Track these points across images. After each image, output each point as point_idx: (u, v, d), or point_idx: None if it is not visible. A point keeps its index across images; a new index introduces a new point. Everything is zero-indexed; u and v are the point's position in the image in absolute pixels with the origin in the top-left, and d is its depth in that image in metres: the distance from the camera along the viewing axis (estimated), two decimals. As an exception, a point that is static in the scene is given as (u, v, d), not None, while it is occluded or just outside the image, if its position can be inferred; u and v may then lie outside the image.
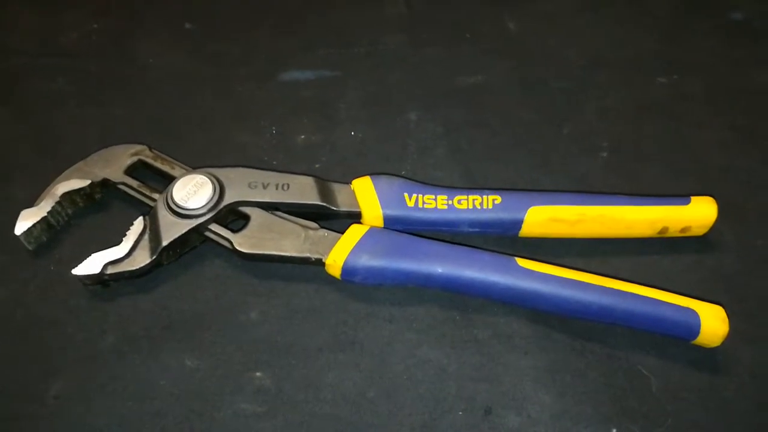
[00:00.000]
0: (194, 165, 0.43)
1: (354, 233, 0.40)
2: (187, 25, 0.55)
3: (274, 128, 0.48)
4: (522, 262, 0.38)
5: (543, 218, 0.40)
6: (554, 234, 0.41)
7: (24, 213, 0.41)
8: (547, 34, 0.56)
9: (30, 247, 0.42)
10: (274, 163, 0.46)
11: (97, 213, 0.44)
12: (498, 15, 0.57)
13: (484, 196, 0.41)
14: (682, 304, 0.38)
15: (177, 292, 0.40)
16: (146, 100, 0.50)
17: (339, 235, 0.40)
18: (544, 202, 0.41)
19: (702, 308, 0.38)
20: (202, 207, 0.41)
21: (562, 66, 0.53)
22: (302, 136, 0.48)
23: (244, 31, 0.55)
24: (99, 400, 0.37)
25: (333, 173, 0.44)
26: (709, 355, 0.39)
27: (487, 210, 0.40)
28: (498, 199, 0.40)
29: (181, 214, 0.41)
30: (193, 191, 0.41)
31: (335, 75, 0.52)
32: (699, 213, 0.41)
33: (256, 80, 0.51)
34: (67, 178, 0.43)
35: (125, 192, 0.43)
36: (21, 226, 0.41)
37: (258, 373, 0.37)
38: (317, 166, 0.46)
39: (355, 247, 0.39)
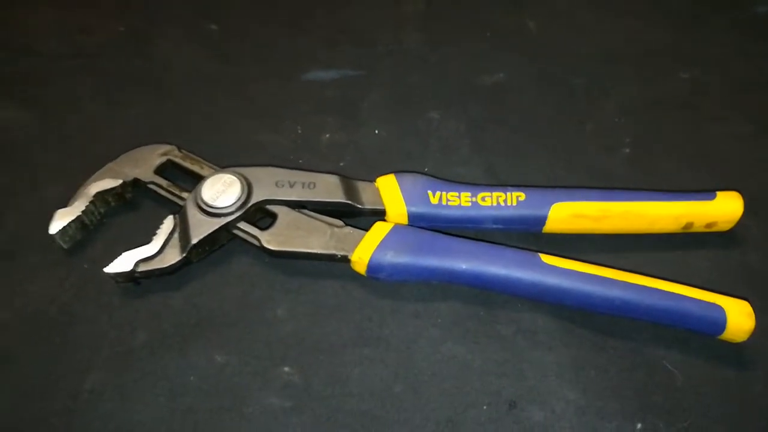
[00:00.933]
0: (221, 165, 0.44)
1: (379, 230, 0.40)
2: (210, 26, 0.56)
3: (298, 128, 0.49)
4: (546, 258, 0.39)
5: (567, 214, 0.41)
6: (578, 230, 0.42)
7: (59, 213, 0.42)
8: (567, 31, 0.56)
9: (65, 246, 0.43)
10: (300, 162, 0.47)
11: (128, 212, 0.45)
12: (517, 12, 0.57)
13: (508, 193, 0.41)
14: (707, 300, 0.38)
15: (206, 289, 0.41)
16: (170, 100, 0.51)
17: (364, 232, 0.41)
18: (568, 199, 0.41)
19: (727, 303, 0.38)
20: (230, 205, 0.41)
21: (582, 62, 0.53)
22: (326, 135, 0.49)
23: (267, 30, 0.56)
24: (132, 395, 0.38)
25: (357, 171, 0.45)
26: (734, 350, 0.39)
27: (511, 207, 0.41)
28: (522, 195, 0.41)
29: (210, 212, 0.41)
30: (221, 190, 0.42)
31: (358, 74, 0.52)
32: (725, 208, 0.41)
33: (280, 80, 0.52)
34: (99, 178, 0.44)
35: (155, 191, 0.44)
36: (56, 225, 0.42)
37: (286, 369, 0.38)
38: (342, 164, 0.47)
39: (380, 244, 0.40)
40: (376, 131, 0.49)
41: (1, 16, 0.58)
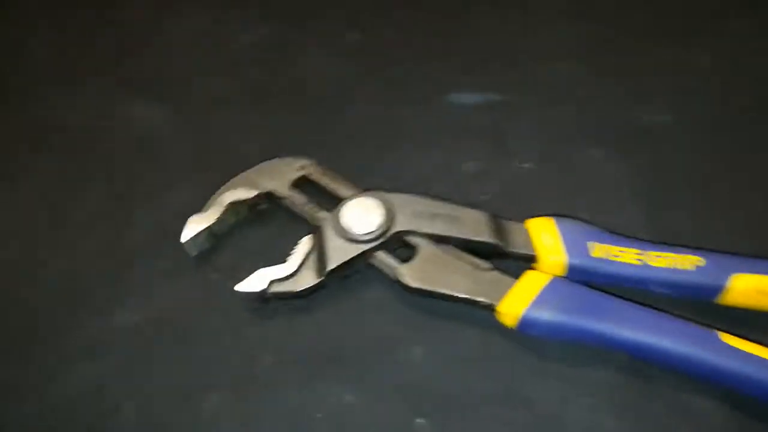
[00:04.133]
0: (355, 184, 0.42)
1: (533, 281, 0.37)
2: (354, 35, 0.54)
3: (439, 153, 0.46)
4: (725, 338, 0.34)
5: (748, 288, 0.36)
6: (760, 306, 0.37)
7: (192, 219, 0.41)
8: (747, 67, 0.50)
9: (192, 254, 0.41)
10: (439, 191, 0.43)
11: (259, 225, 0.43)
12: (687, 44, 0.52)
13: (683, 256, 0.37)
14: None
15: (337, 317, 0.39)
16: (309, 111, 0.49)
17: (513, 279, 0.37)
18: (752, 270, 0.36)
19: None
20: (371, 232, 0.39)
21: (765, 105, 0.48)
22: (469, 164, 0.45)
23: (412, 44, 0.53)
24: (253, 422, 0.36)
25: (501, 207, 0.41)
26: None
27: (686, 272, 0.36)
28: (701, 261, 0.36)
29: (349, 237, 0.39)
30: (362, 215, 0.39)
31: (506, 99, 0.49)
32: None
33: (422, 100, 0.49)
34: (234, 187, 0.42)
35: (289, 207, 0.42)
36: (187, 232, 0.40)
37: (418, 420, 0.35)
38: (485, 198, 0.43)
39: (537, 297, 0.36)
40: (524, 165, 0.45)
41: (145, 16, 0.58)
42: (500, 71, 0.51)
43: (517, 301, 0.36)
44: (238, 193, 0.42)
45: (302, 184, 0.43)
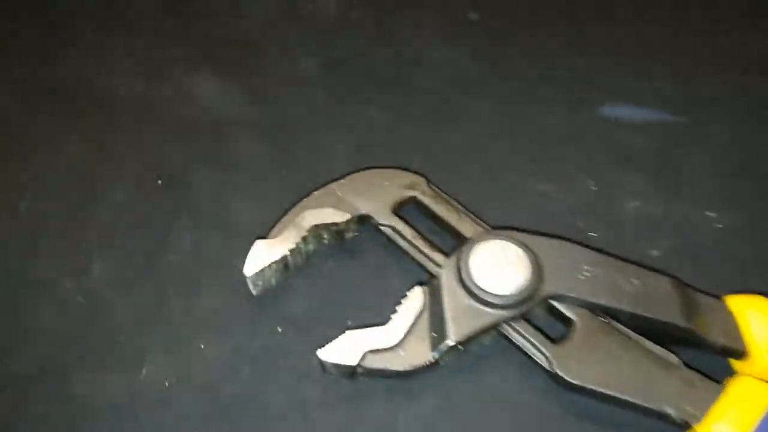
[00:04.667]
0: (476, 212, 0.31)
1: (750, 393, 0.25)
2: (471, 15, 0.42)
3: (592, 183, 0.34)
4: None
5: None
6: None
7: (258, 246, 0.29)
8: None
9: (254, 292, 0.30)
10: (593, 235, 0.32)
11: (348, 259, 0.32)
12: None
13: None
14: None
15: (457, 412, 0.27)
16: (413, 106, 0.37)
17: (717, 386, 0.26)
18: None
19: None
20: (513, 294, 0.27)
21: None
22: (633, 203, 0.33)
23: (546, 32, 0.41)
24: None
25: (679, 271, 0.30)
26: None
27: None
28: None
29: (479, 297, 0.27)
30: (499, 267, 0.28)
31: (678, 121, 0.36)
32: None
33: (566, 108, 0.37)
34: (318, 205, 0.31)
35: (391, 239, 0.31)
36: (253, 263, 0.29)
37: None
38: (655, 254, 0.32)
39: (761, 423, 0.24)
40: (707, 212, 0.33)
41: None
42: (671, 85, 0.38)
43: (730, 423, 0.25)
44: (324, 214, 0.31)
45: (406, 208, 0.32)
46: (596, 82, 0.38)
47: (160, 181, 0.34)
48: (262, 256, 0.29)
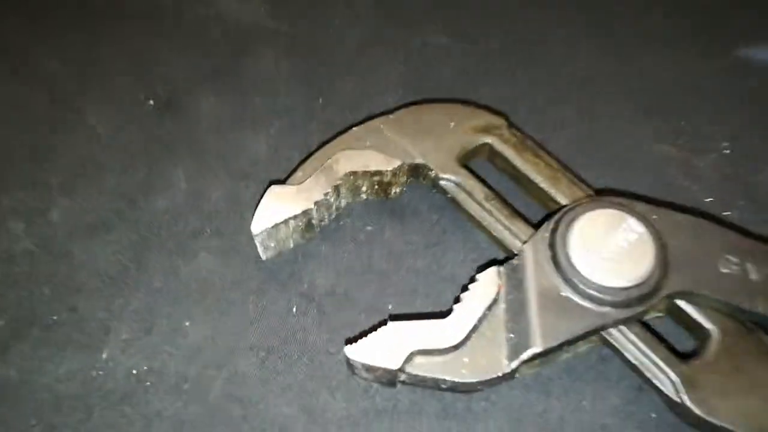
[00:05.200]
0: (588, 180, 0.23)
1: None
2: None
3: (726, 144, 0.26)
4: None
5: None
6: None
7: (273, 193, 0.22)
8: None
9: (264, 255, 0.23)
10: (726, 212, 0.24)
11: (392, 221, 0.24)
12: None
13: None
14: None
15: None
16: (489, 32, 0.29)
17: None
18: None
19: None
20: (628, 287, 0.19)
21: None
22: (778, 171, 0.25)
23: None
24: None
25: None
26: None
27: None
28: None
29: (580, 289, 0.20)
30: (609, 246, 0.20)
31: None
32: None
33: (693, 50, 0.29)
34: (357, 147, 0.23)
35: (456, 200, 0.23)
36: (265, 217, 0.22)
37: None
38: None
39: None
40: None
41: None
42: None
43: None
44: (364, 158, 0.23)
45: (479, 157, 0.24)
46: (734, 19, 0.30)
47: (151, 102, 0.27)
48: (278, 207, 0.22)
